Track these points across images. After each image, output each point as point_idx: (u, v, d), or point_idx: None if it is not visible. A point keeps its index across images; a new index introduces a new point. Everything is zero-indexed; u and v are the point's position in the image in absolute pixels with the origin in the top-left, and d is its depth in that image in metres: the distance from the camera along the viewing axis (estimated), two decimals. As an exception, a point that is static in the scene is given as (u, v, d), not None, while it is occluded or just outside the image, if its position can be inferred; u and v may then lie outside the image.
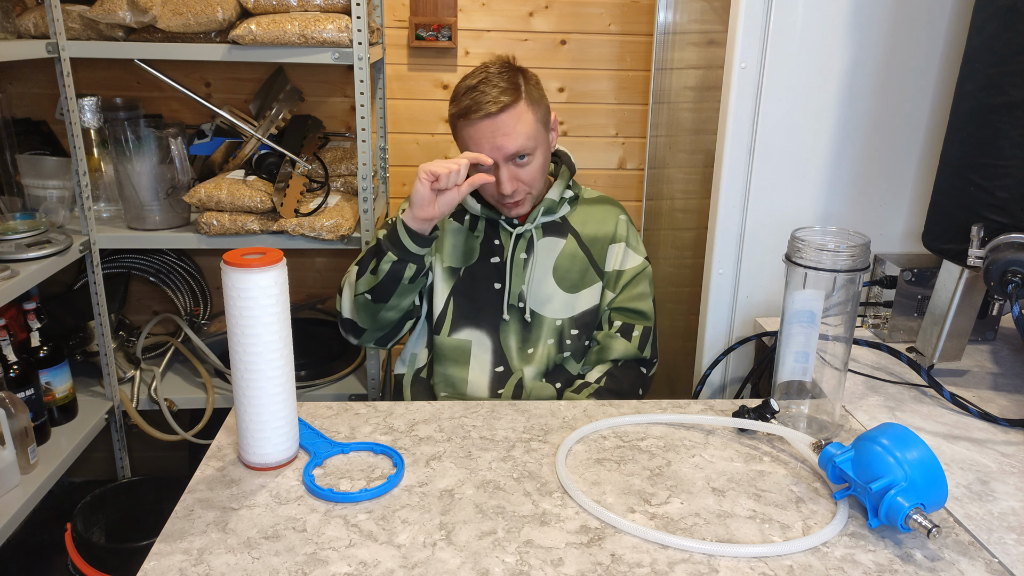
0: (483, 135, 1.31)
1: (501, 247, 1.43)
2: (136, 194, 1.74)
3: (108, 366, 1.83)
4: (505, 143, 1.31)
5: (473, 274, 1.44)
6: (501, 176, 1.33)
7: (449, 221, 1.45)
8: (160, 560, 0.81)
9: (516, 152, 1.32)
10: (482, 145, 1.32)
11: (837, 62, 1.42)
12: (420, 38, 2.08)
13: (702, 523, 0.88)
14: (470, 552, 0.82)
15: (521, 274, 1.42)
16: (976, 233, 1.11)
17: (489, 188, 1.36)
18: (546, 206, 1.42)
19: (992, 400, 1.21)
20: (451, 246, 1.45)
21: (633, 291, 1.45)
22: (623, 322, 1.44)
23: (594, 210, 1.48)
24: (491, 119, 1.30)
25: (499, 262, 1.43)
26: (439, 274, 1.44)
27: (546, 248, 1.43)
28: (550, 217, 1.44)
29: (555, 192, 1.44)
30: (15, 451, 1.47)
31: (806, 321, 1.04)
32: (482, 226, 1.44)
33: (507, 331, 1.43)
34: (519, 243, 1.42)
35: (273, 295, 0.92)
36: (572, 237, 1.45)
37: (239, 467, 0.98)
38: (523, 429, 1.08)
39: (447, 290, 1.44)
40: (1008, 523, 0.89)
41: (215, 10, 1.60)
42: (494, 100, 1.29)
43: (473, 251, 1.44)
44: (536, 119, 1.34)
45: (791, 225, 1.11)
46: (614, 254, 1.45)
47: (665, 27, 2.04)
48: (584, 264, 1.44)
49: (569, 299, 1.43)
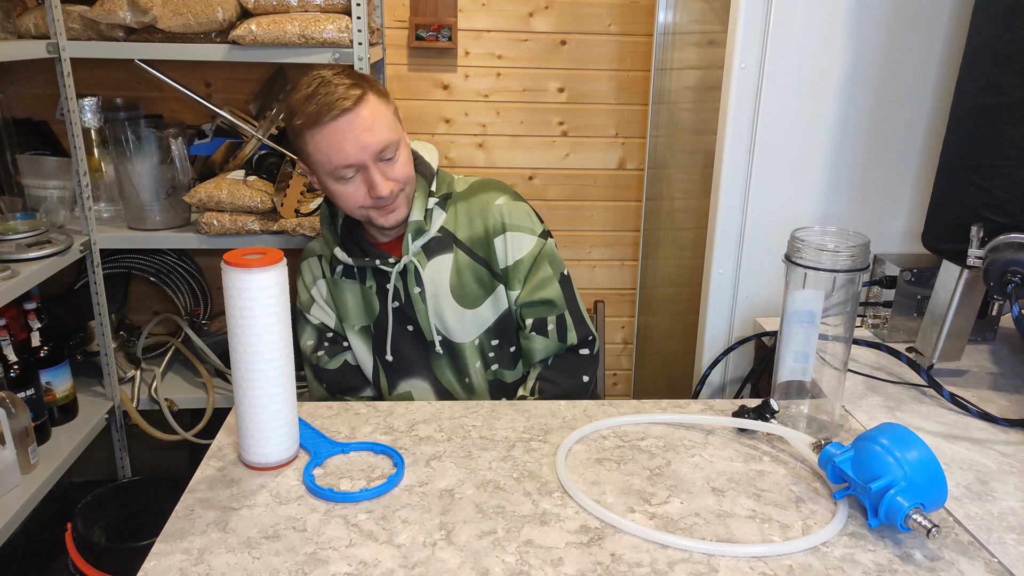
0: (343, 135, 1.16)
1: (396, 289, 1.32)
2: (136, 194, 1.74)
3: (108, 366, 1.83)
4: (370, 139, 1.17)
5: (383, 326, 1.33)
6: (373, 179, 1.19)
7: (341, 281, 1.35)
8: (160, 560, 0.81)
9: (383, 146, 1.19)
10: (344, 147, 1.17)
11: (837, 62, 1.42)
12: (420, 38, 2.08)
13: (702, 523, 0.88)
14: (470, 552, 0.82)
15: (423, 309, 1.32)
16: (975, 233, 1.11)
17: (353, 202, 1.23)
18: (413, 230, 1.29)
19: (992, 400, 1.21)
20: (352, 306, 1.35)
21: (534, 279, 1.32)
22: (534, 318, 1.33)
23: (470, 204, 1.34)
24: (348, 115, 1.16)
25: (400, 304, 1.33)
26: (355, 338, 1.36)
27: (436, 272, 1.31)
28: (426, 237, 1.31)
29: (417, 210, 1.29)
30: (15, 451, 1.47)
31: (806, 321, 1.04)
32: (371, 276, 1.33)
33: (441, 367, 1.36)
34: (407, 278, 1.31)
35: (273, 295, 0.92)
36: (456, 248, 1.32)
37: (239, 467, 0.98)
38: (523, 429, 1.08)
39: (370, 351, 1.36)
40: (1008, 523, 0.89)
41: (215, 10, 1.60)
42: (344, 96, 1.16)
43: (373, 304, 1.34)
44: (389, 111, 1.22)
45: (791, 225, 1.11)
46: (502, 247, 1.31)
47: (665, 27, 2.04)
48: (478, 272, 1.32)
49: (475, 314, 1.33)
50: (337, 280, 1.36)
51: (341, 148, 1.17)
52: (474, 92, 2.17)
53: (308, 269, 1.39)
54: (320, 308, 1.38)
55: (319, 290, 1.38)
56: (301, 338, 1.40)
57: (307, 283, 1.39)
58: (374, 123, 1.18)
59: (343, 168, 1.19)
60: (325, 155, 1.18)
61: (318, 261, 1.39)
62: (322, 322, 1.38)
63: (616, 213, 2.30)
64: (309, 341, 1.39)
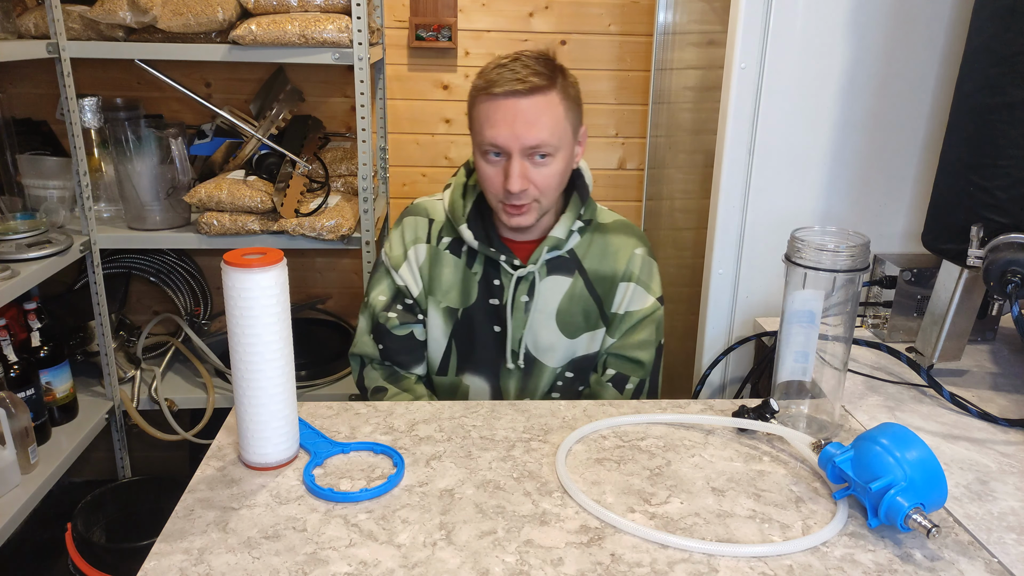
0: (501, 116, 1.14)
1: (501, 288, 1.28)
2: (136, 194, 1.74)
3: (108, 366, 1.83)
4: (525, 132, 1.14)
5: (471, 316, 1.30)
6: (511, 170, 1.16)
7: (444, 254, 1.30)
8: (160, 560, 0.81)
9: (535, 145, 1.15)
10: (498, 127, 1.14)
11: (837, 62, 1.42)
12: (420, 38, 2.08)
13: (702, 523, 0.88)
14: (470, 552, 0.82)
15: (522, 319, 1.28)
16: (975, 233, 1.11)
17: (490, 186, 1.21)
18: (551, 244, 1.26)
19: (992, 400, 1.21)
20: (447, 284, 1.30)
21: (635, 337, 1.30)
22: (617, 372, 1.30)
23: (607, 241, 1.31)
24: (515, 99, 1.13)
25: (498, 305, 1.28)
26: (437, 315, 1.31)
27: (549, 290, 1.28)
28: (555, 253, 1.28)
29: (562, 228, 1.26)
30: (15, 451, 1.47)
31: (806, 321, 1.04)
32: (480, 263, 1.29)
33: (508, 377, 1.32)
34: (520, 285, 1.27)
35: (273, 295, 0.92)
36: (579, 275, 1.29)
37: (239, 467, 0.98)
38: (523, 429, 1.08)
39: (446, 332, 1.31)
40: (1008, 523, 0.89)
41: (215, 10, 1.60)
42: (523, 79, 1.12)
43: (470, 291, 1.29)
44: (566, 117, 1.17)
45: (791, 225, 1.11)
46: (622, 294, 1.30)
47: (665, 27, 2.04)
48: (588, 306, 1.30)
49: (570, 344, 1.31)
50: (440, 251, 1.30)
51: (495, 126, 1.15)
52: (474, 92, 2.17)
53: (413, 227, 1.32)
54: (410, 271, 1.31)
55: (416, 253, 1.31)
56: (374, 289, 1.33)
57: (406, 240, 1.32)
58: (539, 119, 1.14)
59: (489, 145, 1.17)
60: (480, 126, 1.18)
61: (427, 224, 1.32)
62: (406, 285, 1.31)
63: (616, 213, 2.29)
64: (382, 297, 1.32)
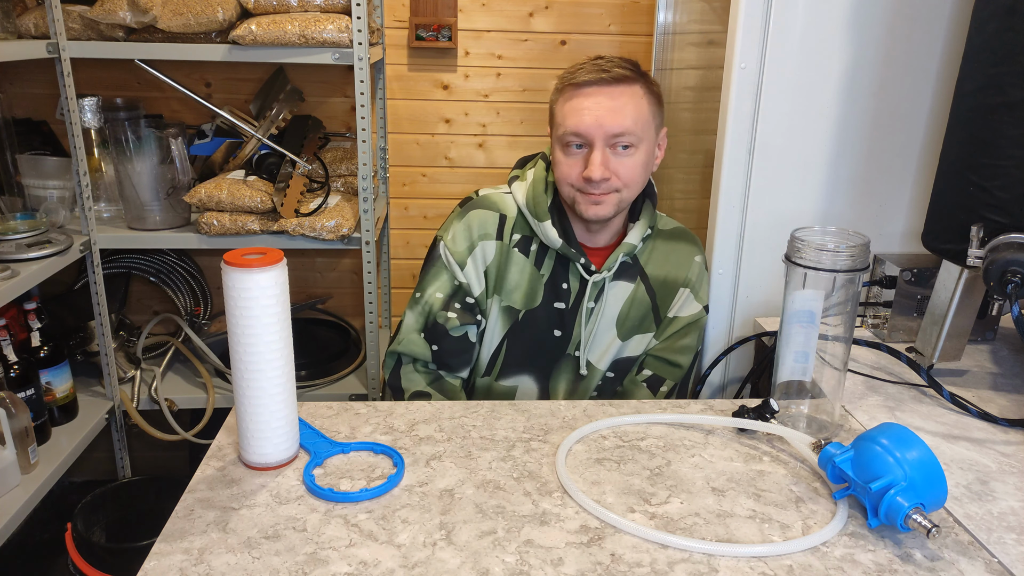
0: (587, 104, 1.15)
1: (568, 291, 1.26)
2: (136, 194, 1.74)
3: (108, 366, 1.83)
4: (610, 119, 1.15)
5: (533, 318, 1.27)
6: (593, 156, 1.16)
7: (513, 252, 1.27)
8: (160, 560, 0.81)
9: (619, 133, 1.16)
10: (583, 115, 1.15)
11: (837, 62, 1.42)
12: (420, 38, 2.08)
13: (702, 523, 0.88)
14: (470, 552, 0.82)
15: (585, 324, 1.27)
16: (975, 233, 1.11)
17: (567, 175, 1.20)
18: (626, 251, 1.26)
19: (992, 400, 1.21)
20: (513, 284, 1.27)
21: (680, 341, 1.32)
22: (654, 373, 1.31)
23: (669, 248, 1.33)
24: (602, 87, 1.15)
25: (564, 308, 1.27)
26: (496, 312, 1.28)
27: (615, 295, 1.29)
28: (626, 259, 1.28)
29: (636, 235, 1.26)
30: (15, 451, 1.47)
31: (806, 321, 1.04)
32: (550, 264, 1.26)
33: (558, 379, 1.32)
34: (590, 290, 1.27)
35: (273, 295, 0.92)
36: (640, 281, 1.30)
37: (239, 467, 0.98)
38: (523, 429, 1.08)
39: (502, 332, 1.28)
40: (1008, 523, 0.89)
41: (215, 10, 1.60)
42: (609, 71, 1.15)
43: (536, 293, 1.27)
44: (650, 112, 1.19)
45: (791, 225, 1.11)
46: (679, 299, 1.32)
47: (665, 27, 2.04)
48: (646, 309, 1.30)
49: (621, 347, 1.32)
50: (510, 250, 1.26)
51: (579, 113, 1.16)
52: (474, 92, 2.17)
53: (480, 222, 1.27)
54: (475, 269, 1.27)
55: (483, 251, 1.27)
56: (431, 284, 1.27)
57: (473, 236, 1.27)
58: (624, 108, 1.15)
59: (571, 135, 1.18)
60: (564, 116, 1.18)
61: (497, 219, 1.27)
62: (468, 283, 1.27)
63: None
64: (439, 294, 1.27)
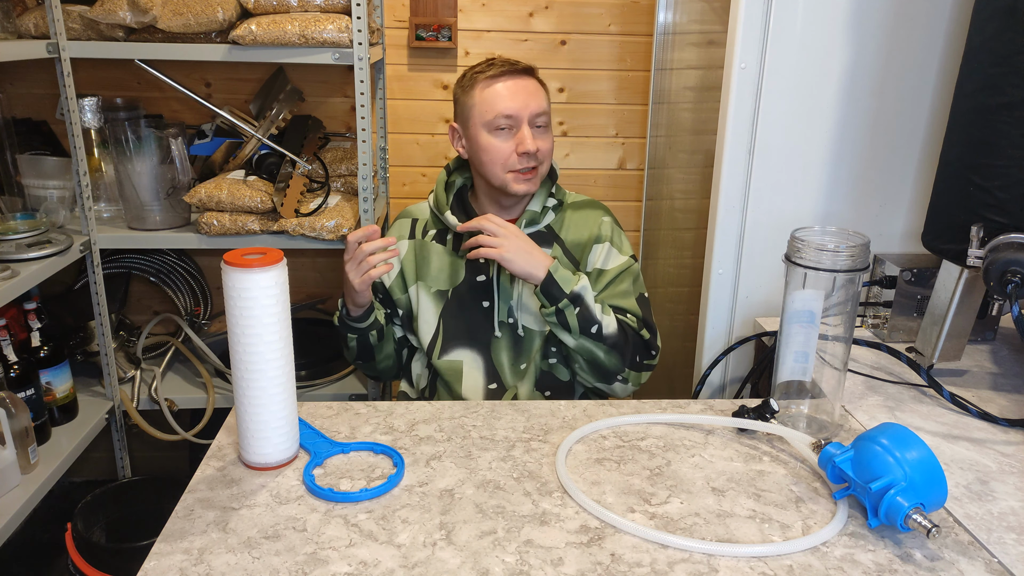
0: (510, 91, 1.34)
1: (487, 264, 1.41)
2: (136, 194, 1.74)
3: (108, 366, 1.83)
4: (532, 102, 1.34)
5: (460, 294, 1.42)
6: (524, 134, 1.34)
7: (432, 244, 1.45)
8: (160, 560, 0.81)
9: (539, 112, 1.35)
10: (510, 99, 1.33)
11: (837, 62, 1.42)
12: (420, 38, 2.08)
13: (702, 523, 0.88)
14: (470, 552, 0.82)
15: (509, 290, 1.40)
16: (975, 233, 1.11)
17: (500, 157, 1.35)
18: (528, 217, 1.41)
19: (992, 400, 1.21)
20: (436, 269, 1.44)
21: (617, 288, 1.41)
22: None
23: (578, 216, 1.46)
24: (521, 76, 1.35)
25: (485, 280, 1.41)
26: (427, 299, 1.44)
27: None
28: (534, 228, 1.42)
29: (537, 202, 1.42)
30: (15, 451, 1.47)
31: (806, 321, 1.04)
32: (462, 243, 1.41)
33: (498, 348, 1.42)
34: None
35: (273, 295, 0.92)
36: (557, 246, 1.43)
37: (239, 467, 0.98)
38: (523, 429, 1.08)
39: (436, 313, 1.43)
40: (1007, 523, 0.89)
41: (215, 10, 1.60)
42: (516, 63, 1.36)
43: (458, 272, 1.43)
44: (547, 103, 1.38)
45: (791, 225, 1.11)
46: (596, 253, 1.42)
47: (665, 27, 2.04)
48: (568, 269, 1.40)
49: None
50: (426, 243, 1.46)
51: (507, 99, 1.34)
52: (474, 92, 2.17)
53: (396, 228, 1.51)
54: None
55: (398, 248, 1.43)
56: None
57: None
58: (539, 92, 1.37)
59: (503, 118, 1.34)
60: (491, 103, 1.35)
61: (409, 223, 1.49)
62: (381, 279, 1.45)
63: (616, 213, 2.28)
64: None
